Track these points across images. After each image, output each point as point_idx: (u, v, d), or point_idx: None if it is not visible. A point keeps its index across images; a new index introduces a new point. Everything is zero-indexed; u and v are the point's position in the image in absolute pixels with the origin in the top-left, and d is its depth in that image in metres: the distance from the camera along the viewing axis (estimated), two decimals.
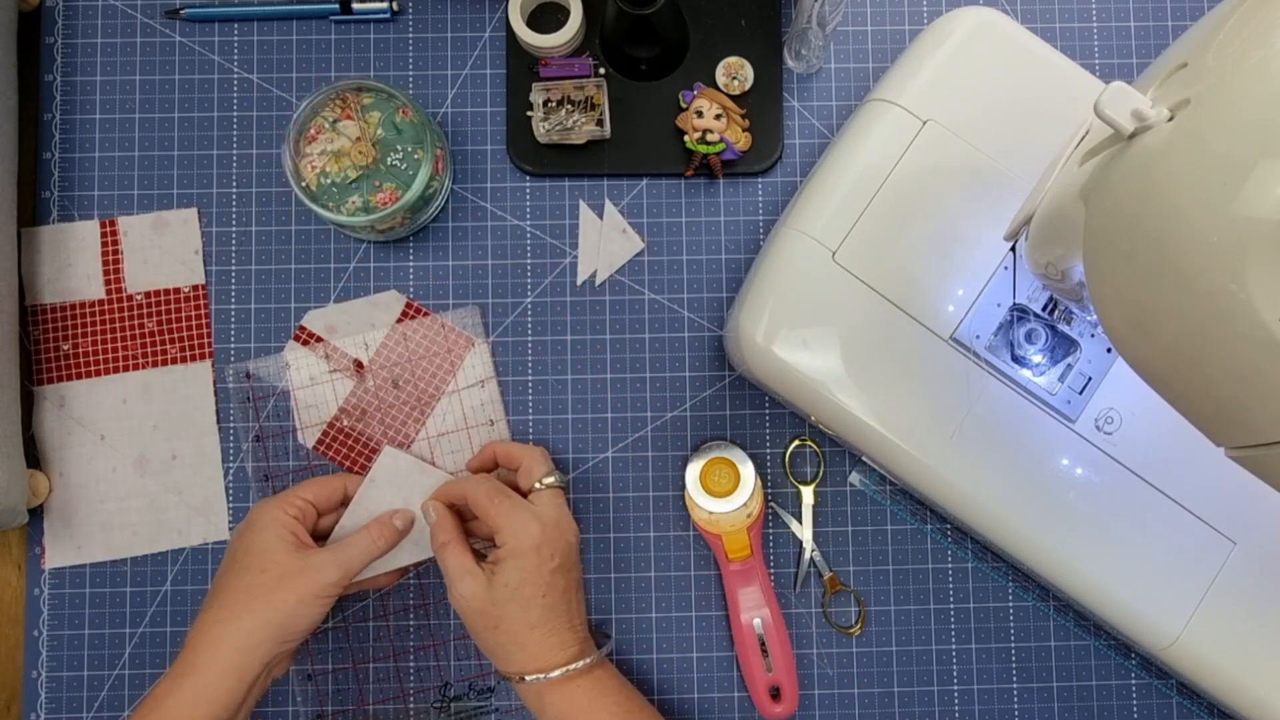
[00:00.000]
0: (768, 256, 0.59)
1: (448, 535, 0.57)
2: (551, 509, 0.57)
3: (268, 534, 0.55)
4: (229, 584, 0.54)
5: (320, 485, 0.59)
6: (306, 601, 0.54)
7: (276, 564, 0.54)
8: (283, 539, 0.55)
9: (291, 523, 0.56)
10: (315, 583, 0.54)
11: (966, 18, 0.60)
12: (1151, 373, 0.38)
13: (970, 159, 0.58)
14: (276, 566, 0.54)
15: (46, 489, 0.63)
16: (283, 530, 0.55)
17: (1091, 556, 0.56)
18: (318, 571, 0.54)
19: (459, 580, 0.55)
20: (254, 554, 0.55)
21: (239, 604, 0.53)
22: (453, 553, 0.56)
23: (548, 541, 0.55)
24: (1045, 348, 0.57)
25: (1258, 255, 0.30)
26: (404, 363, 0.64)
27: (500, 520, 0.55)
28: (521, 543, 0.54)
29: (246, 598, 0.53)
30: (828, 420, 0.58)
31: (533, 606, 0.54)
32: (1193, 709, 0.63)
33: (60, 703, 0.62)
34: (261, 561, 0.54)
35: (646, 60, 0.64)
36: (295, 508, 0.57)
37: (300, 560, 0.54)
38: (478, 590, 0.54)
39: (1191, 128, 0.33)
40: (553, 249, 0.66)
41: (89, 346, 0.64)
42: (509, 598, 0.54)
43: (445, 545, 0.56)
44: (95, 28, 0.66)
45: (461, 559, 0.55)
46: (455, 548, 0.56)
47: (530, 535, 0.55)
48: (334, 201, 0.60)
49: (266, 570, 0.54)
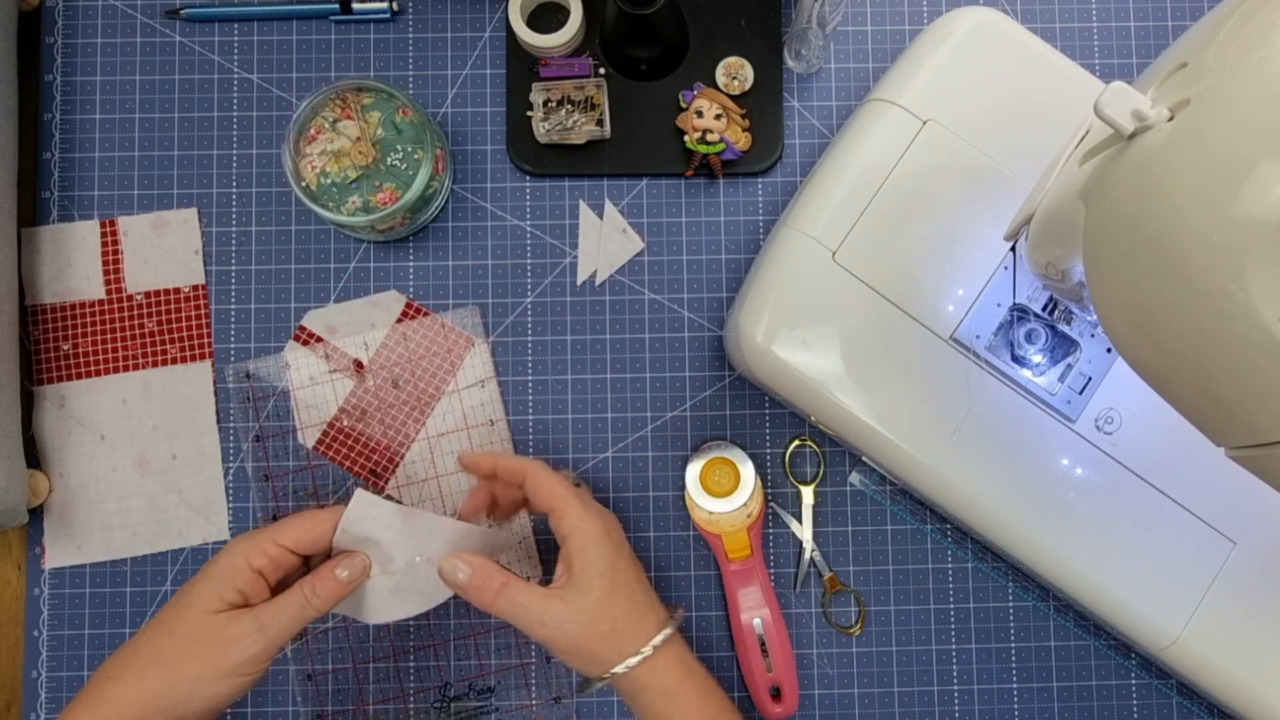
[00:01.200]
0: (768, 256, 0.59)
1: (502, 576, 0.50)
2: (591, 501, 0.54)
3: (208, 583, 0.48)
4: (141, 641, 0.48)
5: (305, 525, 0.51)
6: (208, 680, 0.46)
7: (192, 624, 0.46)
8: (216, 593, 0.47)
9: (243, 577, 0.48)
10: (223, 657, 0.46)
11: (966, 18, 0.60)
12: (1151, 373, 0.38)
13: (970, 159, 0.58)
14: (190, 628, 0.46)
15: (46, 489, 0.63)
16: (224, 586, 0.47)
17: (1091, 556, 0.56)
18: (230, 643, 0.46)
19: (543, 611, 0.49)
20: (179, 606, 0.48)
21: (137, 666, 0.47)
22: (520, 590, 0.50)
23: (610, 526, 0.53)
24: (1045, 348, 0.57)
25: (1258, 255, 0.30)
26: (404, 363, 0.64)
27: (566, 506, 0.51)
28: (593, 526, 0.51)
29: (146, 662, 0.47)
30: (828, 420, 0.58)
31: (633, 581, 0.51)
32: (1193, 709, 0.63)
33: (60, 703, 0.62)
34: (176, 619, 0.47)
35: (646, 60, 0.64)
36: (266, 557, 0.49)
37: (220, 624, 0.46)
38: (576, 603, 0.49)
39: (1191, 128, 0.33)
40: (553, 249, 0.66)
41: (89, 346, 0.64)
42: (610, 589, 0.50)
43: (507, 586, 0.50)
44: (95, 28, 0.66)
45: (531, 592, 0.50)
46: (519, 584, 0.50)
47: (598, 522, 0.51)
48: (334, 201, 0.60)
49: (175, 631, 0.47)
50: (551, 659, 0.63)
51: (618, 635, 0.50)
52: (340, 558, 0.51)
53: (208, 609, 0.47)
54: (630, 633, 0.51)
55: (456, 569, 0.51)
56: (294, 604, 0.48)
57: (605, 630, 0.50)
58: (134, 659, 0.47)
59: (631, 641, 0.51)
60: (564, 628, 0.49)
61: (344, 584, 0.50)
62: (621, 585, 0.51)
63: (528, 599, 0.50)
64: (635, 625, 0.51)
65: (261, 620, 0.47)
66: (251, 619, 0.47)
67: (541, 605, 0.49)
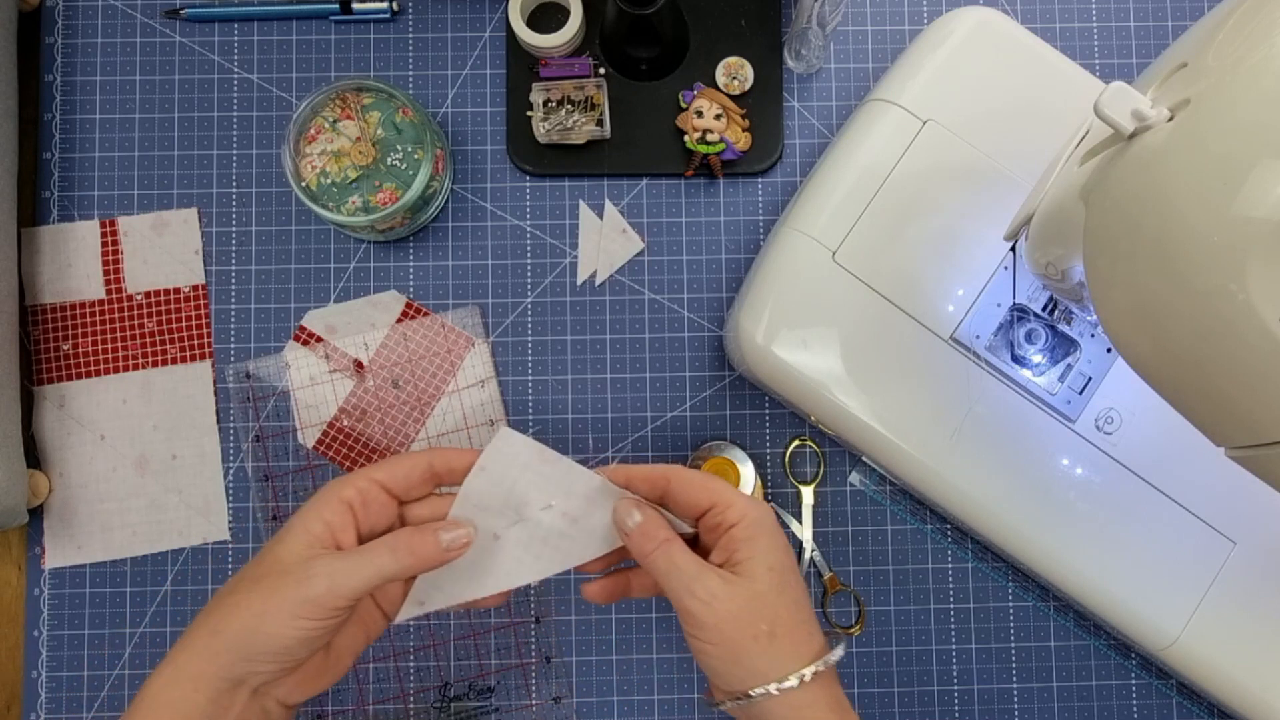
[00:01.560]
0: (768, 256, 0.59)
1: (669, 533, 0.46)
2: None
3: (296, 519, 0.45)
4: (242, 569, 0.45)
5: (400, 463, 0.47)
6: (272, 615, 0.42)
7: (273, 557, 0.44)
8: (305, 529, 0.44)
9: (330, 510, 0.44)
10: (290, 592, 0.42)
11: (966, 18, 0.60)
12: (1151, 373, 0.38)
13: (970, 159, 0.58)
14: (271, 560, 0.43)
15: (46, 489, 0.63)
16: (309, 517, 0.44)
17: (1091, 556, 0.56)
18: (301, 579, 0.42)
19: (698, 578, 0.44)
20: (271, 541, 0.45)
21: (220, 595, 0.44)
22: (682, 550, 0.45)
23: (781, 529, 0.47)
24: (1045, 348, 0.57)
25: (1258, 255, 0.30)
26: (404, 363, 0.64)
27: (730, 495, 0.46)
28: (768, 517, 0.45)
29: (227, 591, 0.44)
30: (828, 420, 0.58)
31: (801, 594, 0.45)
32: (1193, 709, 0.63)
33: (60, 703, 0.62)
34: (265, 551, 0.44)
35: (646, 60, 0.64)
36: (352, 490, 0.45)
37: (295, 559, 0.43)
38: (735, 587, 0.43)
39: (1191, 128, 0.33)
40: (553, 249, 0.66)
41: (89, 346, 0.64)
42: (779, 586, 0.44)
43: (670, 541, 0.45)
44: (95, 28, 0.66)
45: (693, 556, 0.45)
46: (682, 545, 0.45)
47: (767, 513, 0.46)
48: (334, 201, 0.60)
49: (261, 562, 0.44)
50: (551, 659, 0.63)
51: (775, 641, 0.43)
52: (450, 522, 0.46)
53: (292, 543, 0.44)
54: (791, 644, 0.44)
55: (630, 512, 0.46)
56: (379, 552, 0.43)
57: (762, 630, 0.43)
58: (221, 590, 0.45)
59: (790, 657, 0.44)
60: (714, 604, 0.43)
61: (440, 549, 0.45)
62: (790, 588, 0.45)
63: (686, 561, 0.44)
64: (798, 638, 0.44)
65: (336, 563, 0.43)
66: (327, 558, 0.43)
67: (699, 570, 0.44)
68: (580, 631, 0.63)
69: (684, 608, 0.44)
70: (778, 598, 0.44)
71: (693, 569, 0.44)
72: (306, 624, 0.42)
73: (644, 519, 0.46)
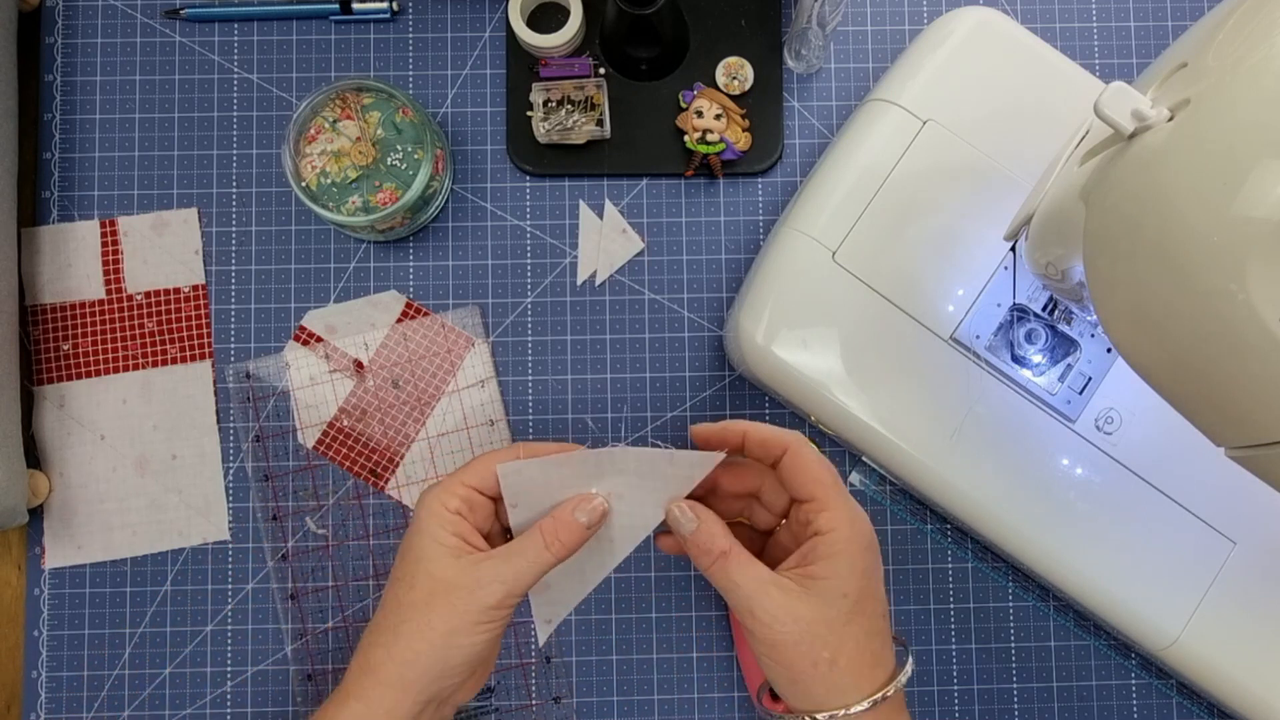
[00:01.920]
0: (768, 256, 0.59)
1: (725, 542, 0.43)
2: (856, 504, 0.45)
3: (424, 537, 0.44)
4: (388, 599, 0.46)
5: (485, 464, 0.46)
6: (461, 630, 0.43)
7: (429, 576, 0.44)
8: (440, 542, 0.44)
9: (452, 520, 0.45)
10: (469, 605, 0.43)
11: (966, 18, 0.60)
12: (1151, 373, 0.38)
13: (970, 159, 0.58)
14: (428, 580, 0.44)
15: (46, 489, 0.63)
16: (440, 530, 0.44)
17: (1091, 556, 0.56)
18: (474, 590, 0.43)
19: (758, 599, 0.42)
20: (409, 561, 0.45)
21: (391, 626, 0.45)
22: (741, 566, 0.43)
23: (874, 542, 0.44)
24: (1045, 348, 0.57)
25: (1258, 255, 0.30)
26: (404, 363, 0.64)
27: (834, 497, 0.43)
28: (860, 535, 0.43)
29: (397, 620, 0.44)
30: (828, 420, 0.58)
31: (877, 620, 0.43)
32: (1193, 709, 0.63)
33: (60, 703, 0.62)
34: (413, 573, 0.44)
35: (646, 60, 0.64)
36: (457, 499, 0.45)
37: (456, 572, 0.44)
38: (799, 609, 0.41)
39: (1191, 128, 0.33)
40: (553, 249, 0.66)
41: (89, 346, 0.64)
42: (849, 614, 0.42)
43: (728, 555, 0.43)
44: (95, 28, 0.66)
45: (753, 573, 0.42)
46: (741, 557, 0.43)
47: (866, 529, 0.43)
48: (334, 201, 0.60)
49: (416, 585, 0.44)
50: (551, 659, 0.63)
51: (836, 671, 0.42)
52: (578, 500, 0.46)
53: (442, 556, 0.44)
54: (853, 676, 0.42)
55: (684, 518, 0.45)
56: (534, 548, 0.44)
57: (823, 658, 0.41)
58: (386, 620, 0.45)
59: (851, 687, 0.42)
60: (775, 627, 0.41)
61: (583, 528, 0.45)
62: (865, 616, 0.42)
63: (745, 578, 0.42)
64: (863, 669, 0.42)
65: (502, 567, 0.44)
66: (490, 565, 0.44)
67: (758, 589, 0.42)
68: (580, 631, 0.63)
69: (743, 624, 0.43)
70: (845, 626, 0.41)
71: (751, 586, 0.42)
72: (492, 628, 0.44)
73: (699, 527, 0.44)
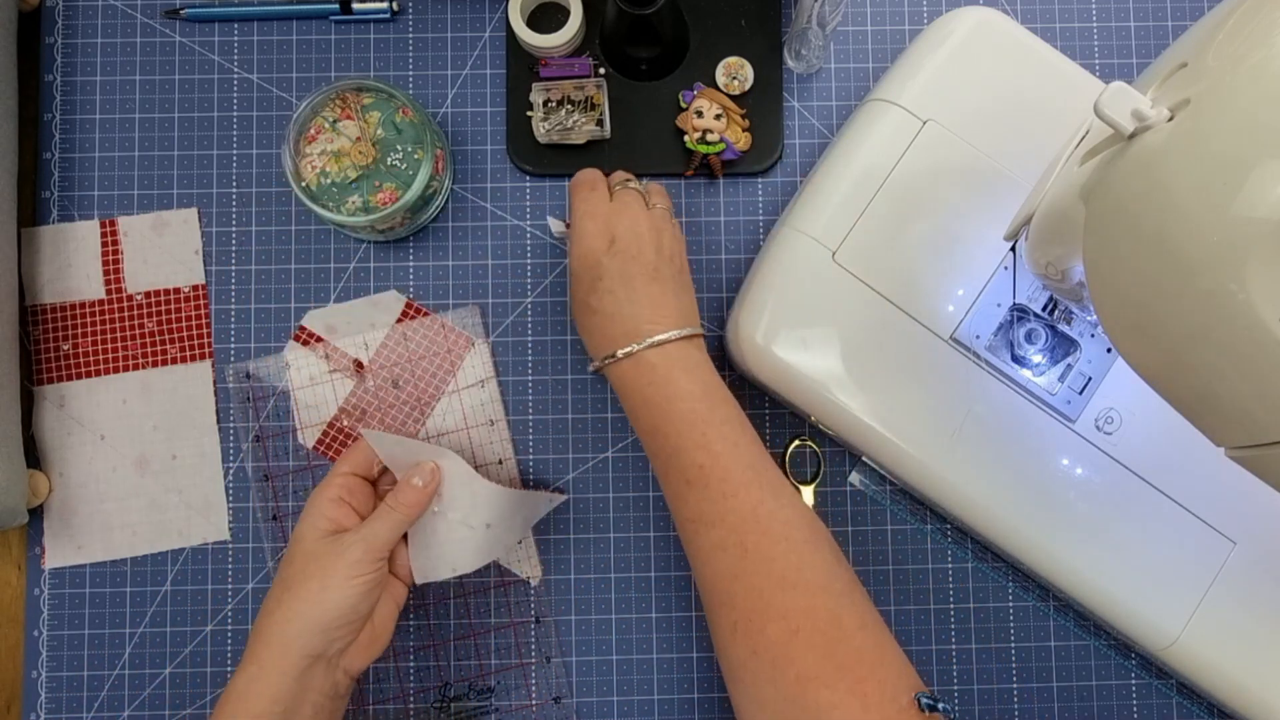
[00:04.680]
0: (768, 256, 0.59)
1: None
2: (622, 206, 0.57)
3: (303, 524, 0.55)
4: (275, 580, 0.55)
5: (356, 452, 0.58)
6: (331, 586, 0.52)
7: (304, 553, 0.53)
8: (314, 526, 0.54)
9: (327, 506, 0.55)
10: (335, 565, 0.52)
11: (966, 18, 0.60)
12: (1151, 373, 0.38)
13: (970, 159, 0.58)
14: (303, 556, 0.53)
15: (46, 489, 0.63)
16: (316, 517, 0.55)
17: (1091, 556, 0.56)
18: (340, 554, 0.53)
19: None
20: (291, 545, 0.55)
21: (275, 597, 0.53)
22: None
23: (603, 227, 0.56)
24: (1045, 348, 0.57)
25: (1258, 255, 0.30)
26: (404, 363, 0.64)
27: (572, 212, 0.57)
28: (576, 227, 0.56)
29: (280, 591, 0.53)
30: (828, 420, 0.58)
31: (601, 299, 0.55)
32: (1193, 709, 0.63)
33: (60, 703, 0.62)
34: (293, 553, 0.54)
35: (646, 60, 0.64)
36: (335, 488, 0.56)
37: (326, 546, 0.53)
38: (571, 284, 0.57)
39: (1192, 128, 0.33)
40: (553, 249, 0.66)
41: (89, 346, 0.64)
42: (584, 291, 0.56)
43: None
44: (95, 28, 0.66)
45: None
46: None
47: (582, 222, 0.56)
48: (334, 201, 0.60)
49: (294, 561, 0.54)
50: (551, 659, 0.63)
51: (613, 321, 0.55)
52: (413, 469, 0.56)
53: (315, 536, 0.54)
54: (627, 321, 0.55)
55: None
56: (382, 512, 0.54)
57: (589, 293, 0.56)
58: (272, 594, 0.54)
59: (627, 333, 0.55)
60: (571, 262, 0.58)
61: (420, 490, 0.55)
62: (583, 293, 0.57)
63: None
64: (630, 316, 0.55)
65: (361, 531, 0.54)
66: (350, 533, 0.54)
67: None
68: (580, 631, 0.63)
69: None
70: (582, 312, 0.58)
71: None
72: (361, 580, 0.52)
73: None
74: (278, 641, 0.51)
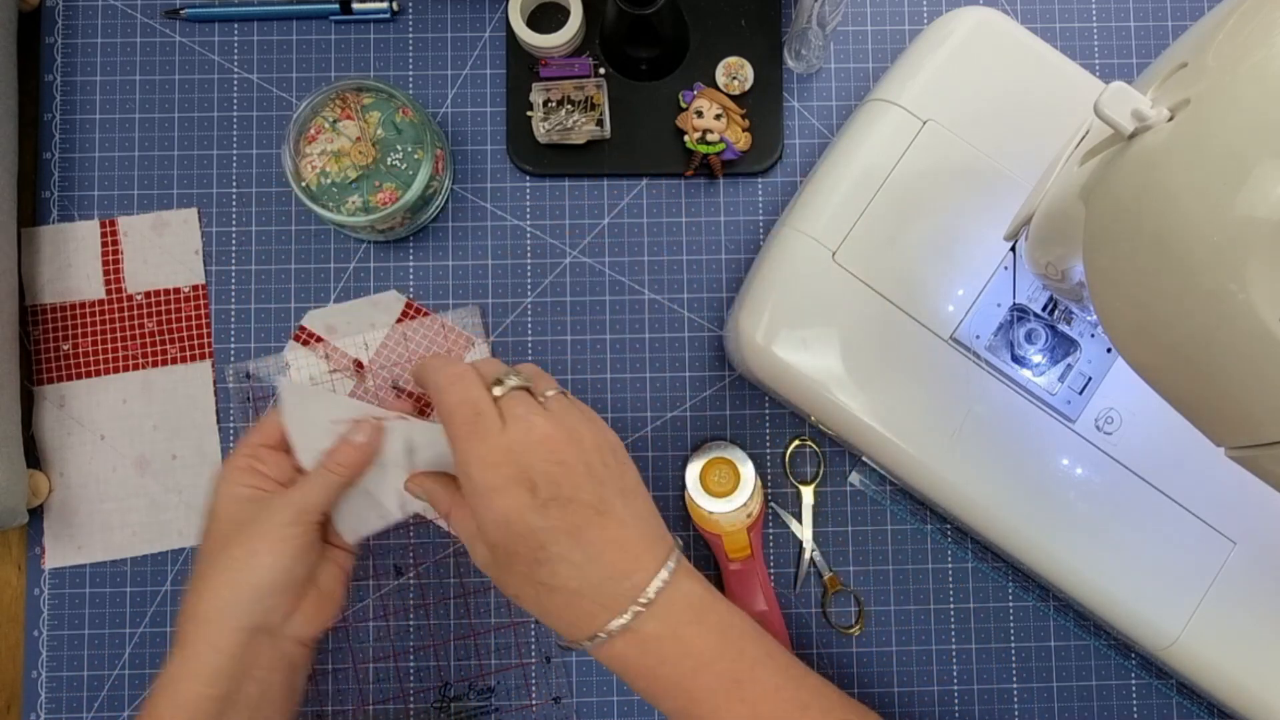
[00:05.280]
0: (768, 256, 0.59)
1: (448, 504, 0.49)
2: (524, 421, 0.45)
3: (218, 495, 0.50)
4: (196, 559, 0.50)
5: (271, 420, 0.52)
6: (260, 550, 0.47)
7: (226, 520, 0.49)
8: (233, 495, 0.49)
9: (243, 473, 0.50)
10: (264, 527, 0.47)
11: (966, 18, 0.60)
12: (1151, 373, 0.38)
13: (970, 159, 0.58)
14: (226, 523, 0.49)
15: (46, 489, 0.63)
16: (230, 486, 0.50)
17: (1091, 556, 0.56)
18: (270, 516, 0.48)
19: (472, 547, 0.48)
20: (208, 519, 0.50)
21: (200, 574, 0.48)
22: (460, 518, 0.48)
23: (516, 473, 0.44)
24: (1045, 348, 0.57)
25: (1258, 255, 0.30)
26: (404, 363, 0.64)
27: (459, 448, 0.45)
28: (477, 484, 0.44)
29: (204, 567, 0.48)
30: (828, 420, 0.58)
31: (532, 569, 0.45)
32: (1193, 709, 0.63)
33: (60, 703, 0.62)
34: (212, 527, 0.50)
35: (646, 60, 0.64)
36: (243, 457, 0.51)
37: (251, 511, 0.49)
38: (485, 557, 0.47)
39: (1192, 128, 0.33)
40: (553, 249, 0.66)
41: (89, 346, 0.64)
42: (504, 561, 0.46)
43: (449, 515, 0.49)
44: (95, 28, 0.66)
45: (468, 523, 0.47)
46: (462, 510, 0.48)
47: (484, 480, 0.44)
48: (334, 201, 0.60)
49: (214, 533, 0.49)
50: (551, 659, 0.63)
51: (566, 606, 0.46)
52: (354, 427, 0.50)
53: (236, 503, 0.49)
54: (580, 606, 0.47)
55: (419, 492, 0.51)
56: (317, 473, 0.49)
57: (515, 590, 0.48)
58: (196, 572, 0.49)
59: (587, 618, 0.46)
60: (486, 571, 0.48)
61: (359, 447, 0.50)
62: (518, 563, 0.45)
63: (463, 533, 0.48)
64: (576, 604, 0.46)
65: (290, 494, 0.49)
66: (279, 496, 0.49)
67: (471, 541, 0.48)
68: None
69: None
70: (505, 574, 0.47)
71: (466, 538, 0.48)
72: (290, 543, 0.47)
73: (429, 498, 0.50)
74: (207, 617, 0.47)
